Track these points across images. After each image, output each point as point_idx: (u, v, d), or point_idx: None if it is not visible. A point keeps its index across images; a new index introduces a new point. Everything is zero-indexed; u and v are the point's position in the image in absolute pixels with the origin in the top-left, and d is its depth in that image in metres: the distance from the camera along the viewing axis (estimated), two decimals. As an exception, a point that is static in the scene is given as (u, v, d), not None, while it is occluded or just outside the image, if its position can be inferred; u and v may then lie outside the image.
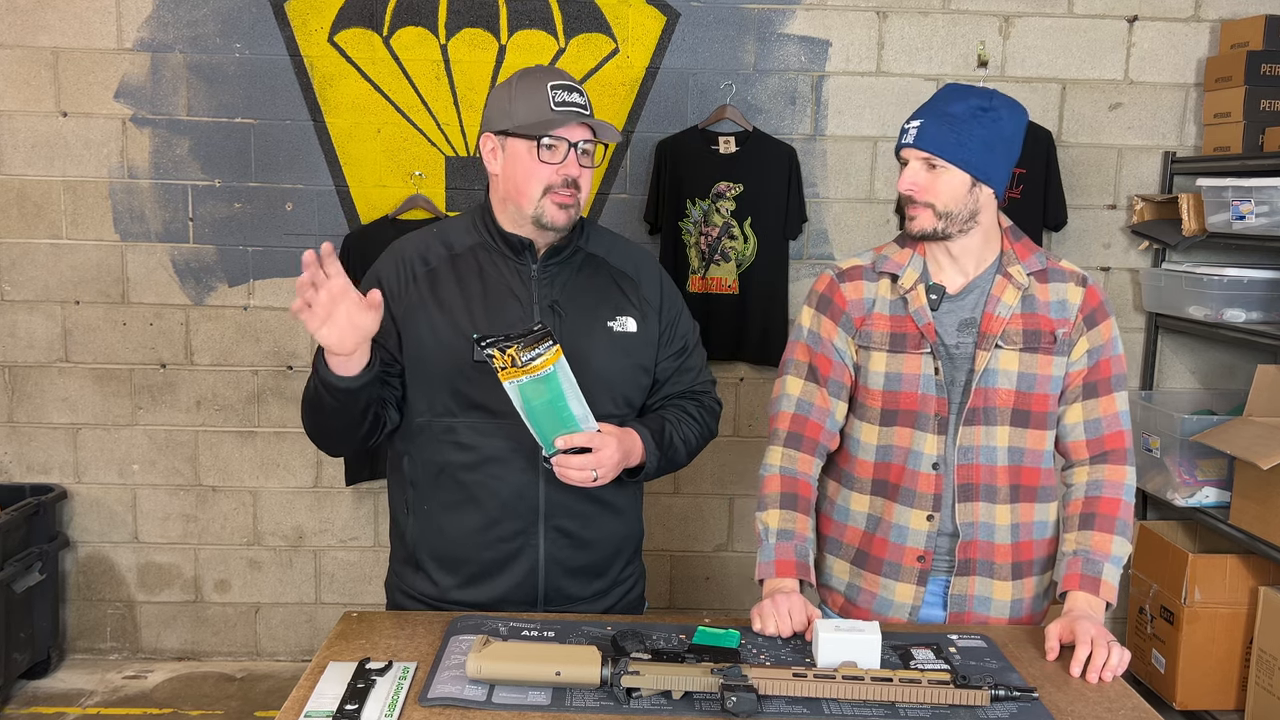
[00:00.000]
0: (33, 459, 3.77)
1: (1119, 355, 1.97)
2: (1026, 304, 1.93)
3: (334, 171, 3.62)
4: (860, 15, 3.60)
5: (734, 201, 3.58)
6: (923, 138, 1.86)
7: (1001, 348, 1.91)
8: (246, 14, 3.54)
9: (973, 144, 1.85)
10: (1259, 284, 3.32)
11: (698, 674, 1.56)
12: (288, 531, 3.83)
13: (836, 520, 2.07)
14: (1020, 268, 1.93)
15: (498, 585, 1.92)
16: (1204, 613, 3.36)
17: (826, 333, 2.01)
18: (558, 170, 1.84)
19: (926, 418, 1.93)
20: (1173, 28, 3.63)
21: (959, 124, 1.84)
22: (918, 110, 1.90)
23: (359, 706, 1.54)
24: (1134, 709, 1.62)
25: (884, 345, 1.95)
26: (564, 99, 1.84)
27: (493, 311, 1.88)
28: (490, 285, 1.90)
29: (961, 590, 1.96)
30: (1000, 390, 1.91)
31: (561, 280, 1.93)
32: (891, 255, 2.00)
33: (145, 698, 3.60)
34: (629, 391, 1.96)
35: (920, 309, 1.93)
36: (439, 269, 1.92)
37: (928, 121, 1.86)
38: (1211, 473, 3.42)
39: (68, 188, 3.62)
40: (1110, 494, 1.92)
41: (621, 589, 2.05)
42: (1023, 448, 1.94)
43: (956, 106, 1.86)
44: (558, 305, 1.90)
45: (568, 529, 1.92)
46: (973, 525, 1.94)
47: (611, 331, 1.93)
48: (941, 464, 1.93)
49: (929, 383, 1.92)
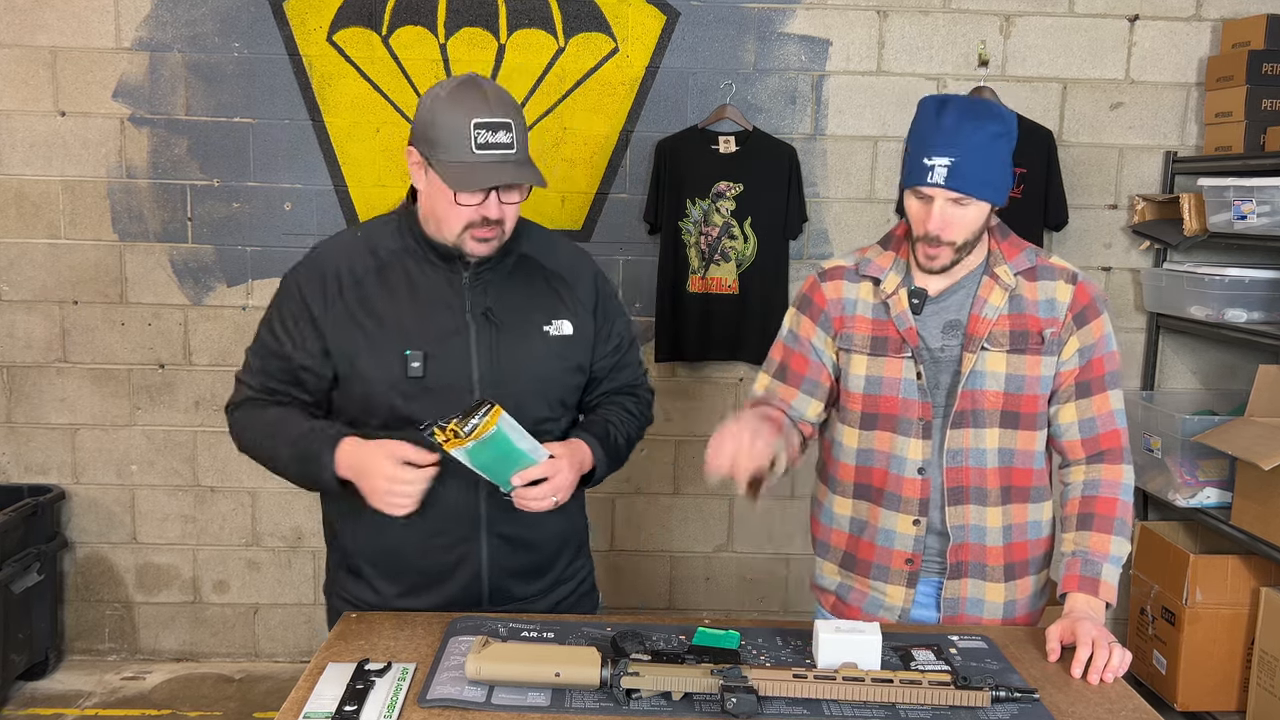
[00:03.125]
0: (31, 459, 3.76)
1: (1112, 352, 1.93)
2: (1014, 304, 1.90)
3: (333, 171, 3.62)
4: (860, 14, 3.59)
5: (734, 201, 3.57)
6: (956, 178, 1.77)
7: (988, 350, 1.88)
8: (245, 13, 3.53)
9: (996, 172, 1.80)
10: (1260, 284, 3.32)
11: (697, 675, 1.55)
12: (286, 532, 3.82)
13: (823, 523, 2.07)
14: (1007, 268, 1.91)
15: (442, 592, 1.91)
16: (1205, 613, 3.36)
17: (805, 332, 2.00)
18: (478, 210, 1.77)
19: (910, 422, 1.91)
20: (1174, 27, 3.63)
21: (983, 156, 1.78)
22: (935, 142, 1.79)
23: (358, 708, 1.53)
24: (1135, 710, 1.61)
25: (865, 348, 1.93)
26: (486, 140, 1.73)
27: (424, 322, 1.83)
28: (421, 295, 1.85)
29: (954, 593, 1.95)
30: (988, 392, 1.89)
31: (495, 287, 1.88)
32: (874, 258, 1.97)
33: (144, 699, 3.59)
34: (565, 394, 1.96)
35: (902, 313, 1.91)
36: (365, 280, 1.86)
37: (959, 161, 1.77)
38: (1213, 473, 3.42)
39: (66, 187, 3.62)
40: (1107, 493, 1.90)
41: (569, 585, 2.04)
42: (1013, 449, 1.92)
43: (978, 137, 1.78)
44: (491, 313, 1.86)
45: (509, 534, 1.91)
46: (964, 528, 1.92)
47: (547, 336, 1.90)
48: (927, 468, 1.91)
49: (910, 387, 1.90)
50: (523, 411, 1.79)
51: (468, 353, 1.85)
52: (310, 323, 1.85)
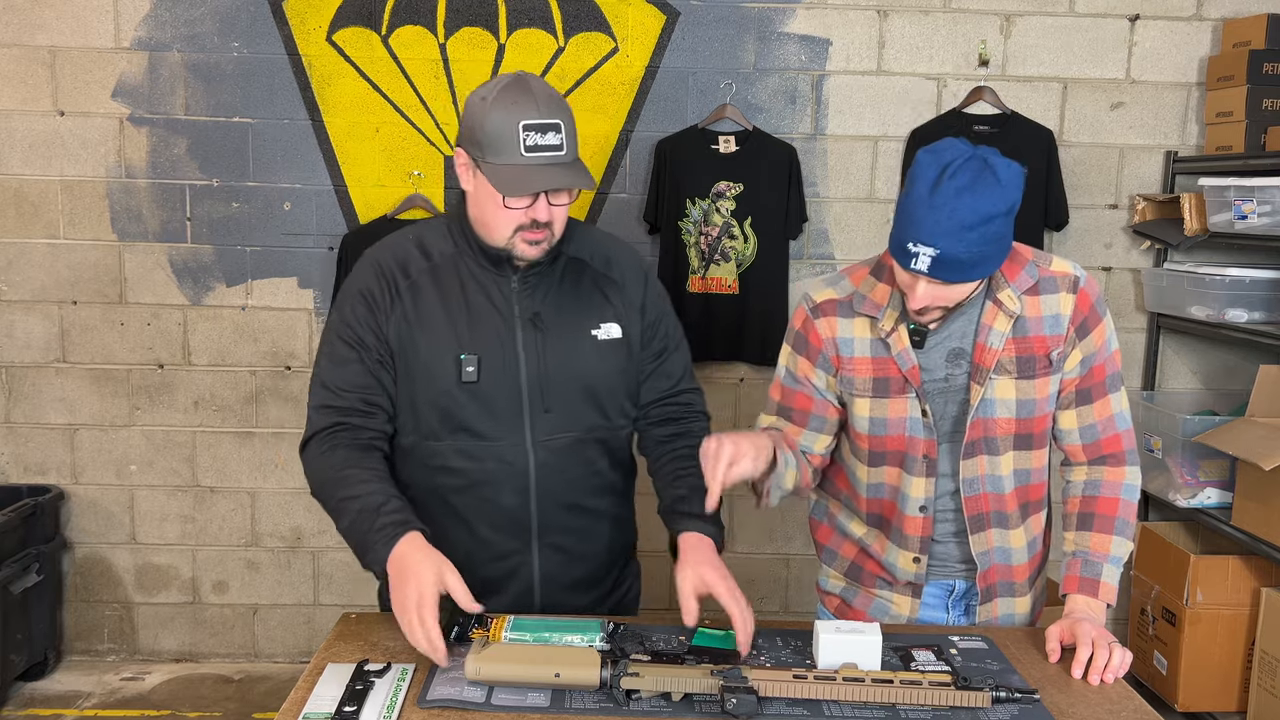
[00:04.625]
0: (30, 460, 3.76)
1: (1112, 355, 1.88)
2: (1018, 327, 1.82)
3: (332, 171, 3.61)
4: (861, 14, 3.59)
5: (734, 201, 3.57)
6: (940, 269, 1.65)
7: (995, 378, 1.82)
8: (244, 13, 3.53)
9: (990, 249, 1.66)
10: (1261, 284, 3.31)
11: (697, 675, 1.55)
12: (286, 532, 3.82)
13: (836, 533, 2.05)
14: (1010, 291, 1.80)
15: (494, 603, 1.87)
16: (1206, 614, 3.35)
17: (803, 372, 1.93)
18: (526, 213, 1.75)
19: (914, 460, 1.86)
20: (1174, 26, 3.62)
21: (975, 245, 1.64)
22: (922, 226, 1.64)
23: (357, 708, 1.53)
24: (1136, 711, 1.61)
25: (866, 391, 1.87)
26: (535, 142, 1.71)
27: (476, 326, 1.82)
28: (472, 299, 1.84)
29: (987, 616, 1.95)
30: (999, 420, 1.84)
31: (542, 292, 1.86)
32: (868, 294, 1.86)
33: (143, 699, 3.59)
34: (617, 398, 1.91)
35: (903, 352, 1.83)
36: (419, 281, 1.84)
37: (944, 254, 1.63)
38: (1213, 473, 3.41)
39: (65, 187, 3.61)
40: (1108, 493, 1.88)
41: (619, 592, 2.04)
42: (1028, 469, 1.90)
43: (970, 232, 1.62)
44: (538, 319, 1.84)
45: (562, 545, 1.90)
46: (988, 553, 1.90)
47: (596, 340, 1.87)
48: (930, 505, 1.88)
49: (916, 425, 1.85)
50: (575, 418, 1.80)
51: (516, 358, 1.83)
52: (377, 321, 1.83)
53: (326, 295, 3.62)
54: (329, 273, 3.61)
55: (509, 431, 1.83)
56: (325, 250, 3.64)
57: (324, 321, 3.63)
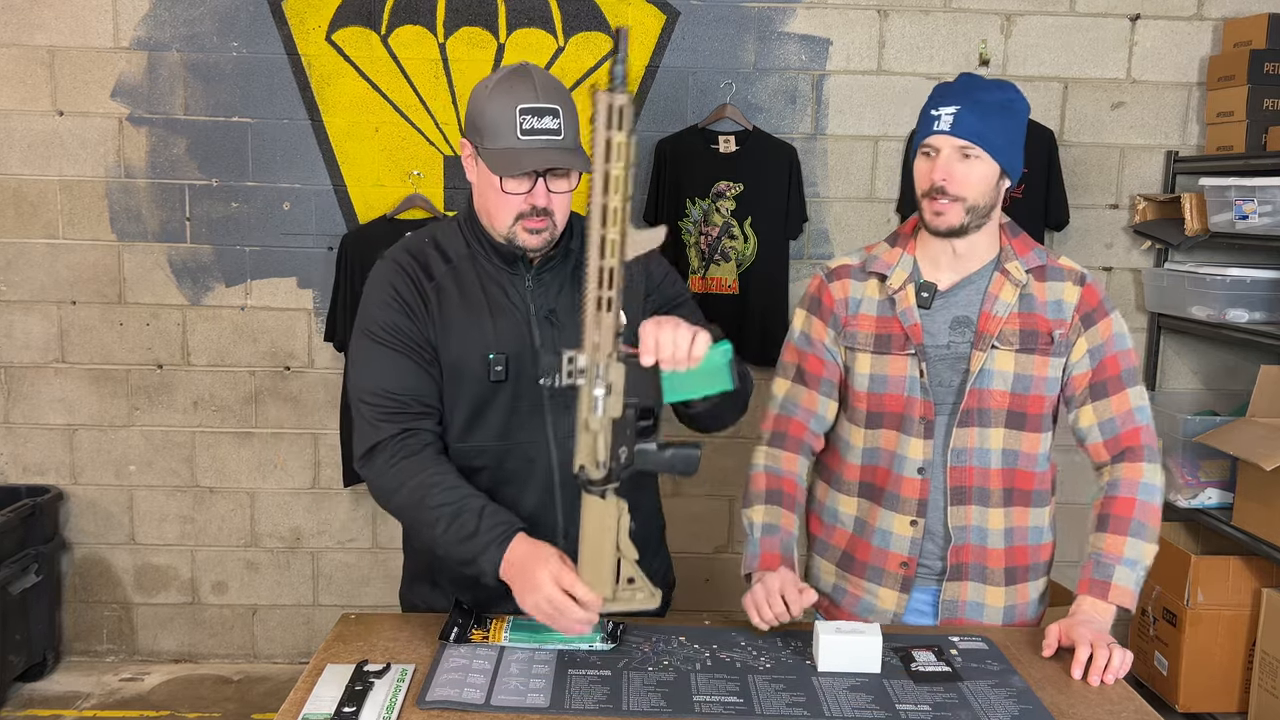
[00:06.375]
0: (29, 460, 3.75)
1: (1126, 350, 1.92)
2: (1024, 303, 1.88)
3: (332, 171, 3.61)
4: (861, 14, 3.58)
5: (734, 201, 3.56)
6: (960, 126, 1.79)
7: (997, 348, 1.87)
8: (244, 12, 3.52)
9: (1003, 135, 1.81)
10: (1262, 284, 3.31)
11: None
12: (285, 533, 3.81)
13: (825, 522, 2.06)
14: (1018, 264, 1.89)
15: None
16: (1207, 615, 3.35)
17: (817, 333, 1.98)
18: (526, 200, 1.76)
19: (911, 421, 1.89)
20: (1175, 26, 3.62)
21: (991, 113, 1.80)
22: (944, 96, 1.83)
23: (357, 709, 1.53)
24: (1136, 711, 1.61)
25: (868, 346, 1.92)
26: (531, 125, 1.72)
27: (498, 325, 1.83)
28: (492, 298, 1.84)
29: (954, 595, 1.94)
30: (995, 391, 1.87)
31: (555, 288, 1.87)
32: (881, 255, 1.96)
33: (142, 700, 3.58)
34: None
35: (908, 309, 1.89)
36: (443, 283, 1.85)
37: (964, 109, 1.80)
38: (1214, 474, 3.41)
39: (64, 187, 3.61)
40: (1125, 493, 1.87)
41: None
42: (1017, 450, 1.91)
43: (987, 96, 1.81)
44: (554, 316, 1.85)
45: None
46: (965, 529, 1.91)
47: None
48: (928, 468, 1.90)
49: (914, 385, 1.89)
50: None
51: (535, 356, 1.82)
52: (415, 324, 1.82)
53: (326, 295, 3.62)
54: (328, 273, 3.60)
55: (532, 430, 1.84)
56: (325, 250, 3.63)
57: (324, 321, 3.63)
